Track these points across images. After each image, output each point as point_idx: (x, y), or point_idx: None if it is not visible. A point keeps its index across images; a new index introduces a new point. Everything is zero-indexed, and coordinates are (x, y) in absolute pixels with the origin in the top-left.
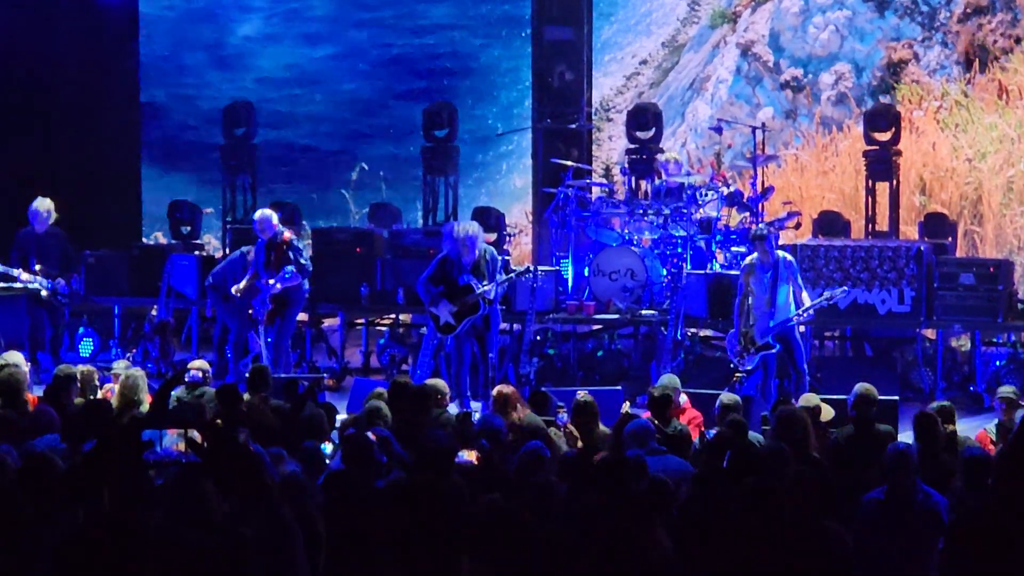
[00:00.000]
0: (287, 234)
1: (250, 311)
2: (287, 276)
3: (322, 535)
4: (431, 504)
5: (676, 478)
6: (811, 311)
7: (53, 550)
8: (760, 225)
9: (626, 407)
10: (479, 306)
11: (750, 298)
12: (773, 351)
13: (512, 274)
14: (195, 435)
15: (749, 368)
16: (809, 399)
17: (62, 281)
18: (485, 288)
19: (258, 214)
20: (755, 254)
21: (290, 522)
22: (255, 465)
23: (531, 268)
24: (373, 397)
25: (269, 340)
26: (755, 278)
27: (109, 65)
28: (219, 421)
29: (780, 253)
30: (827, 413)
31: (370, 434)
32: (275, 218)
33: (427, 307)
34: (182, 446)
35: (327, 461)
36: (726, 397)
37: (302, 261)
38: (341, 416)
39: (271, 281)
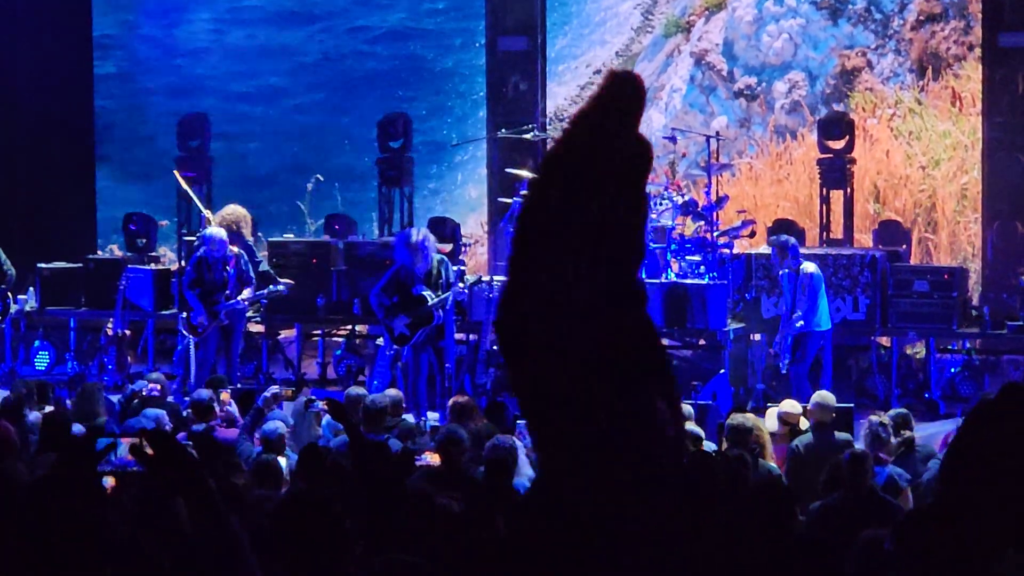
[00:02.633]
0: (234, 247)
1: (194, 324)
2: (261, 295)
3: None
4: (389, 509)
5: None
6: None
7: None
8: (782, 235)
9: None
10: (433, 316)
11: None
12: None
13: (465, 284)
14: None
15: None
16: (793, 406)
17: None
18: (440, 297)
19: (219, 232)
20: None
21: (237, 530)
22: (199, 471)
23: (482, 278)
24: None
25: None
26: (785, 285)
27: (62, 77)
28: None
29: (806, 266)
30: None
31: (320, 403)
32: (226, 236)
33: (381, 319)
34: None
35: (285, 476)
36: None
37: (253, 274)
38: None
39: (245, 296)
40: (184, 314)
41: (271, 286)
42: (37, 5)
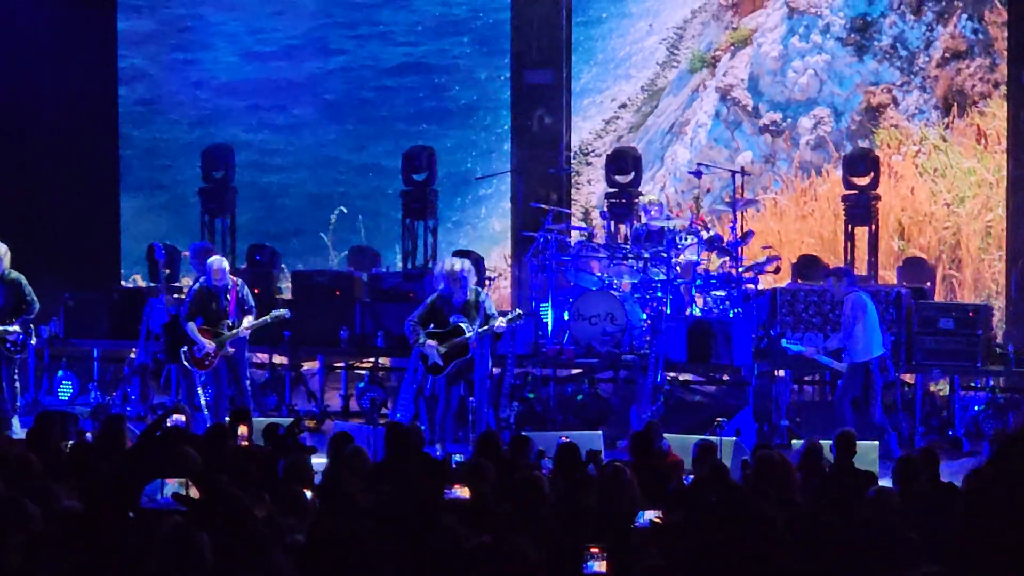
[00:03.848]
0: (234, 278)
1: (198, 357)
2: (266, 321)
3: None
4: (419, 543)
5: None
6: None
7: None
8: (842, 265)
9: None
10: (468, 348)
11: None
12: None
13: (504, 319)
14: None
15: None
16: (814, 444)
17: (15, 328)
18: (477, 330)
19: (221, 262)
20: None
21: (280, 566)
22: (241, 510)
23: (521, 312)
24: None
25: (209, 398)
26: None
27: (89, 107)
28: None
29: (858, 294)
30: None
31: None
32: (228, 265)
33: (414, 346)
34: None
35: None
36: (704, 442)
37: (253, 302)
38: (318, 460)
39: (246, 325)
40: (186, 348)
41: (274, 311)
42: (64, 37)
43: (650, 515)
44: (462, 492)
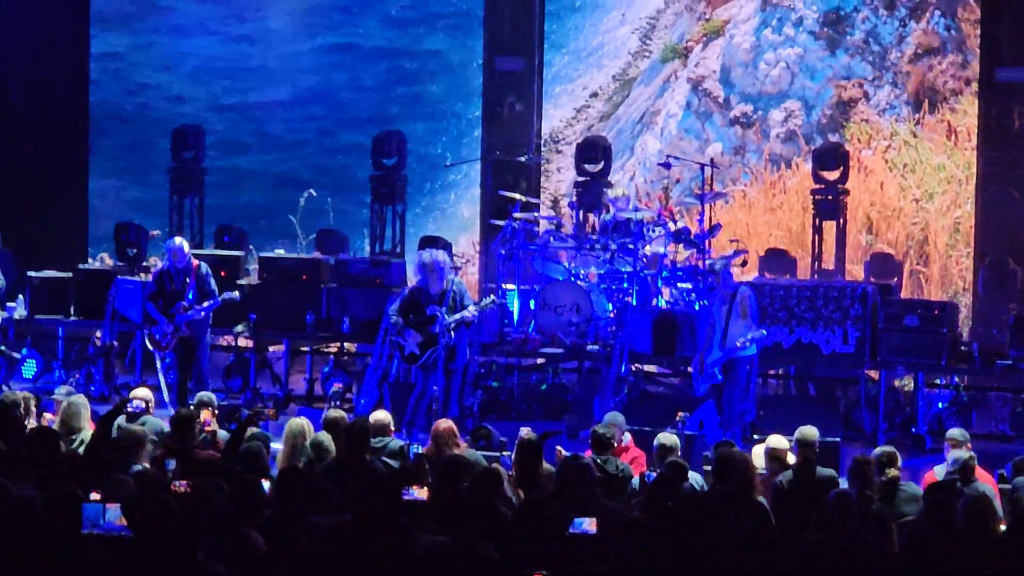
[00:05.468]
0: (195, 261)
1: (157, 338)
2: (216, 303)
3: None
4: (375, 545)
5: None
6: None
7: None
8: (717, 259)
9: (560, 452)
10: (437, 338)
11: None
12: (718, 380)
13: (478, 308)
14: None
15: (701, 396)
16: (779, 441)
17: None
18: (451, 319)
19: (180, 242)
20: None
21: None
22: (189, 540)
23: (495, 298)
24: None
25: (171, 380)
26: (716, 308)
27: (60, 87)
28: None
29: (744, 288)
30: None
31: None
32: (187, 247)
33: (393, 336)
34: (125, 520)
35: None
36: (664, 437)
37: (215, 287)
38: (275, 445)
39: (204, 305)
40: (147, 329)
41: (225, 293)
42: (36, 17)
43: (587, 523)
44: (420, 494)
